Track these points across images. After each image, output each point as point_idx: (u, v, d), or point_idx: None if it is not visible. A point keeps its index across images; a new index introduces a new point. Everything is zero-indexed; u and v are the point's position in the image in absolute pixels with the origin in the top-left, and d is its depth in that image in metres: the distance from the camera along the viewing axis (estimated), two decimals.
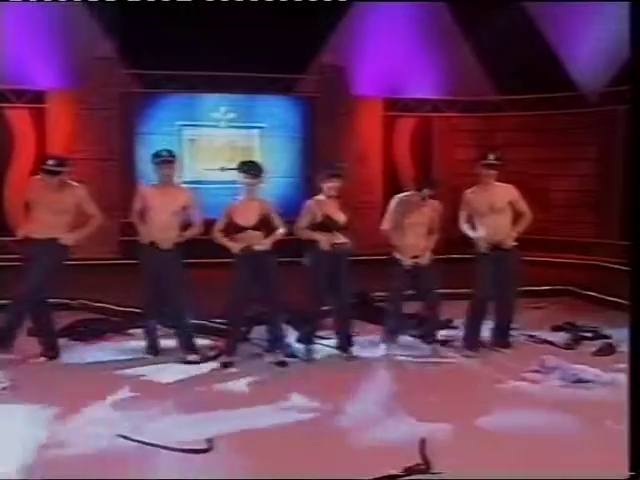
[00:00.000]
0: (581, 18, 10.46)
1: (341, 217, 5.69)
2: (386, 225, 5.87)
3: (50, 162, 5.39)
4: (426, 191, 5.72)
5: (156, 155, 5.59)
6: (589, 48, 10.62)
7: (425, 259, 5.79)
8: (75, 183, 5.57)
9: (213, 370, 5.45)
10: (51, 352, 5.60)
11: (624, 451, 3.04)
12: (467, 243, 6.12)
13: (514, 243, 5.89)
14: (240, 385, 5.07)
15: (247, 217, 5.50)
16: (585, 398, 4.75)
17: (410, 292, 5.94)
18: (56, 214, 5.41)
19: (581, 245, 10.98)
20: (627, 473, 2.99)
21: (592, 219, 11.27)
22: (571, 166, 11.56)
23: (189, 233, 5.66)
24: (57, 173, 5.36)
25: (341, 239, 5.66)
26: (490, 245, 5.84)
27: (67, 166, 5.46)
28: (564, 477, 3.51)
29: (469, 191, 6.00)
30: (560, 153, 11.64)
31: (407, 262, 5.75)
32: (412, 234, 5.78)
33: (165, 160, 5.56)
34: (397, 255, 5.79)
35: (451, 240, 6.66)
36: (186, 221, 5.72)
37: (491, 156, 5.91)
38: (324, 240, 5.60)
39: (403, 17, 11.20)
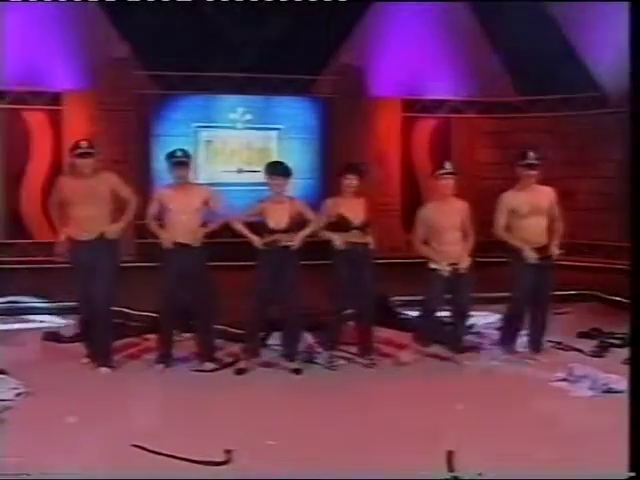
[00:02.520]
0: (603, 18, 10.26)
1: (358, 216, 5.51)
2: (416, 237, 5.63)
3: (83, 144, 5.39)
4: (447, 166, 5.53)
5: (170, 155, 5.47)
6: (611, 48, 10.41)
7: (464, 264, 5.53)
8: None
9: None
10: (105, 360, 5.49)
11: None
12: (489, 247, 5.91)
13: (559, 251, 5.65)
14: None
15: (278, 220, 5.36)
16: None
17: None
18: (96, 205, 5.37)
19: (605, 248, 10.76)
20: (627, 473, 2.98)
21: (616, 222, 11.03)
22: (594, 168, 11.34)
23: (214, 225, 5.50)
24: (91, 154, 5.37)
25: (357, 238, 5.47)
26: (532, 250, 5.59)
27: (97, 147, 5.50)
28: (564, 477, 3.47)
29: (507, 193, 5.69)
30: (583, 155, 11.42)
31: (445, 269, 5.49)
32: (446, 240, 5.53)
33: (180, 161, 5.43)
34: (433, 265, 5.54)
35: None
36: (209, 218, 5.58)
37: (531, 154, 5.61)
38: (337, 239, 5.42)
39: (422, 17, 11.06)
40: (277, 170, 5.45)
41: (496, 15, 10.70)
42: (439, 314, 5.75)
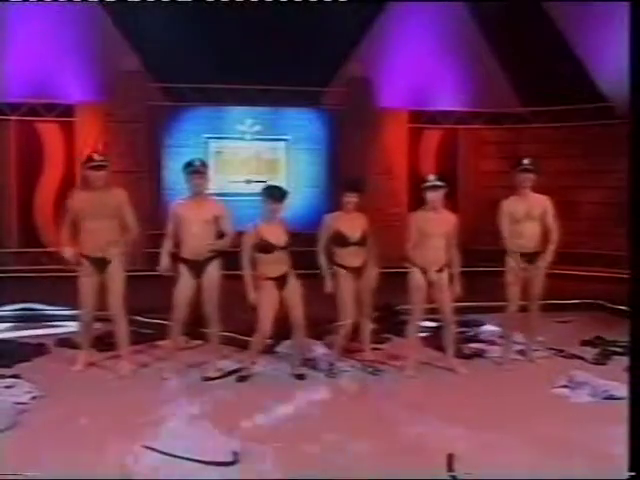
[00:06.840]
0: (609, 27, 10.34)
1: (355, 233, 5.65)
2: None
3: (96, 157, 5.50)
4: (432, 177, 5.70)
5: (188, 165, 5.57)
6: (617, 58, 10.49)
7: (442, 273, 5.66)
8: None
9: None
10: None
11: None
12: (488, 256, 6.02)
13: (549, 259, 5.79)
14: None
15: (278, 236, 5.47)
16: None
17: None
18: (104, 219, 5.44)
19: (610, 258, 10.81)
20: (627, 473, 3.01)
21: (621, 231, 11.08)
22: (599, 178, 11.40)
23: (221, 243, 5.56)
24: (103, 167, 5.47)
25: (354, 254, 5.64)
26: (522, 255, 5.77)
27: (109, 160, 5.59)
28: (564, 477, 3.53)
29: (507, 200, 5.89)
30: (588, 165, 11.50)
31: (431, 276, 5.60)
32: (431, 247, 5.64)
33: (197, 170, 5.53)
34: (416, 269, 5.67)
35: (472, 252, 6.56)
36: (219, 232, 5.64)
37: (525, 161, 5.86)
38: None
39: (429, 29, 11.19)
40: (276, 195, 5.51)
41: (502, 27, 10.82)
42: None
